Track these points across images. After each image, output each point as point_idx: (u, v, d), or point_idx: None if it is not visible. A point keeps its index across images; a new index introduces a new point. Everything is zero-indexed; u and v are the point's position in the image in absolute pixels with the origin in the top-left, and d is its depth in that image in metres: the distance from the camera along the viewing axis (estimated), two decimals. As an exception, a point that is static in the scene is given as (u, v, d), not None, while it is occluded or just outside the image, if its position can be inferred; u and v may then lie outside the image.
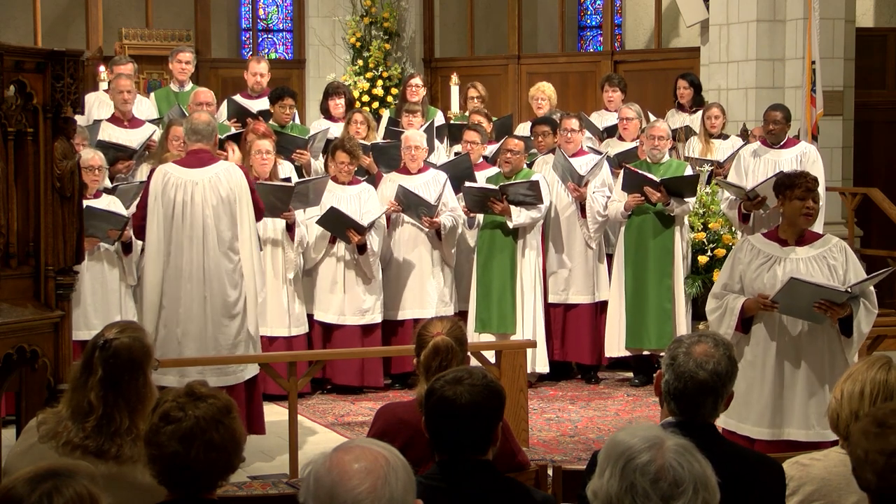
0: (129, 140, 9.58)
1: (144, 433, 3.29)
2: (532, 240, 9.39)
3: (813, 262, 6.07)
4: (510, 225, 9.24)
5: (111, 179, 9.07)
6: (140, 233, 7.51)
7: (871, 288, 6.09)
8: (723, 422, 5.93)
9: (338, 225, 9.05)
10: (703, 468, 2.57)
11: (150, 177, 7.49)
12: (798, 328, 6.07)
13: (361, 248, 9.15)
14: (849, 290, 5.90)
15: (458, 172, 9.61)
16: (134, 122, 9.92)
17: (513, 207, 9.18)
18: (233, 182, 7.30)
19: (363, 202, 9.26)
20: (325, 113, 10.94)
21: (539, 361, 9.32)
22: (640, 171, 9.24)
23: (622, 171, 9.33)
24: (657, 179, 9.16)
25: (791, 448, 5.78)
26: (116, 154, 9.30)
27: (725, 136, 10.63)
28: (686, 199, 9.28)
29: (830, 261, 6.08)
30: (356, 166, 9.41)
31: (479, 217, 9.51)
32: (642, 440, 2.59)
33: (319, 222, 9.05)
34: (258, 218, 7.56)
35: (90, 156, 8.33)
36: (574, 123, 9.80)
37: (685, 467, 2.54)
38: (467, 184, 9.39)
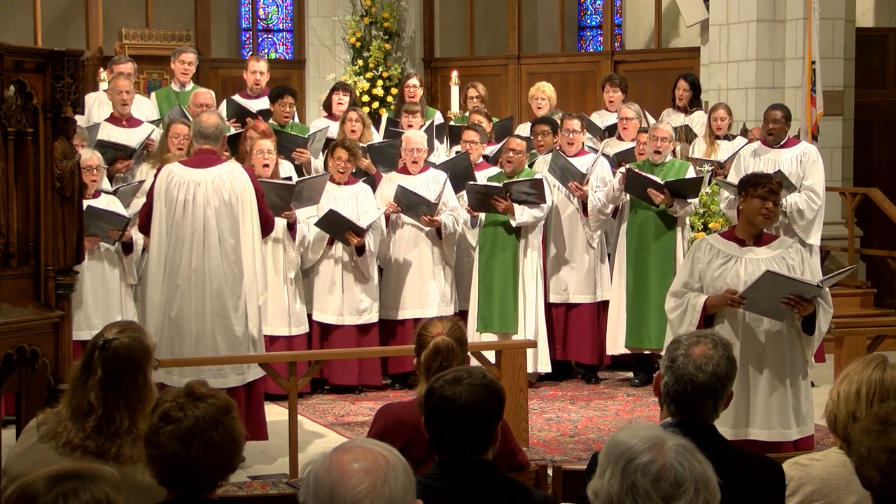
0: (128, 139, 9.57)
1: (144, 433, 3.29)
2: (534, 239, 9.38)
3: (772, 262, 6.11)
4: (513, 223, 9.22)
5: (110, 179, 9.06)
6: (145, 230, 7.50)
7: (827, 289, 6.15)
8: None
9: (336, 227, 9.04)
10: (704, 468, 2.57)
11: (156, 175, 7.48)
12: (761, 329, 6.11)
13: (360, 250, 9.14)
14: (820, 284, 5.94)
15: (457, 171, 9.60)
16: (132, 122, 9.90)
17: (516, 206, 9.17)
18: (236, 184, 7.25)
19: (360, 202, 9.25)
20: (328, 110, 10.93)
21: (541, 361, 9.32)
22: (643, 174, 9.22)
23: (625, 174, 9.31)
24: (661, 182, 9.15)
25: (754, 448, 5.81)
26: (115, 153, 9.28)
27: (731, 137, 10.60)
28: (689, 200, 9.28)
29: (789, 261, 6.15)
30: (354, 166, 9.39)
31: (482, 216, 9.51)
32: (643, 440, 2.59)
33: (318, 224, 9.04)
34: (265, 233, 7.46)
35: (88, 156, 8.32)
36: (576, 124, 9.78)
37: (686, 467, 2.54)
38: (471, 182, 9.38)
